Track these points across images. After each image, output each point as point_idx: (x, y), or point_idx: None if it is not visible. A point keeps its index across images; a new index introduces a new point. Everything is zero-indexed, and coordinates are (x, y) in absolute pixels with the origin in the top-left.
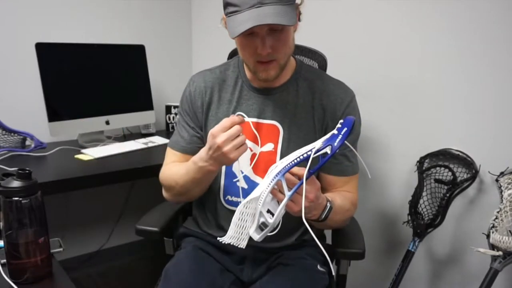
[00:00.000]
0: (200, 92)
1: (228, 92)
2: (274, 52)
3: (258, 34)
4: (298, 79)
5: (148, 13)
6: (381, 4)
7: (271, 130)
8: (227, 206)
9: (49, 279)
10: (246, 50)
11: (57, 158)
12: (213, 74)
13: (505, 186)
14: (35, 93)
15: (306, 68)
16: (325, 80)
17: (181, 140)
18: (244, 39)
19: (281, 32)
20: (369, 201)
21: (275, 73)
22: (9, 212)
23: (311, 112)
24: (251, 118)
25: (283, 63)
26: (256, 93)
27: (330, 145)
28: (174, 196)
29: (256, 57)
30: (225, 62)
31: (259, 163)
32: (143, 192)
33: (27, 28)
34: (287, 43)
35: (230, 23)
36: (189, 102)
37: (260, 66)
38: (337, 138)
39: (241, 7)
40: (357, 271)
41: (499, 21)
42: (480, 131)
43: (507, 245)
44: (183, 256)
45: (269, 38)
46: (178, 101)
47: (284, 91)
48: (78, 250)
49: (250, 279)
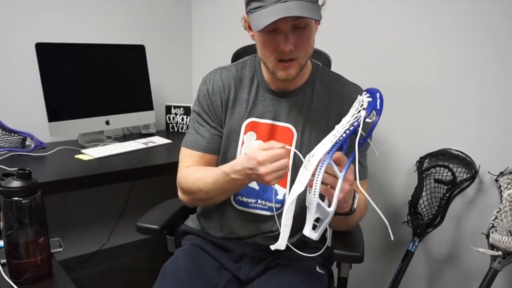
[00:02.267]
0: (219, 90)
1: (244, 92)
2: (296, 50)
3: (282, 30)
4: (314, 82)
5: (148, 13)
6: (384, 5)
7: (285, 133)
8: (237, 207)
9: (49, 279)
10: (268, 48)
11: (57, 158)
12: (230, 72)
13: (505, 186)
14: (35, 93)
15: (322, 71)
16: (341, 83)
17: (202, 139)
18: (266, 36)
19: (304, 29)
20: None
21: (295, 72)
22: (9, 212)
23: (325, 116)
24: (266, 119)
25: (303, 63)
26: (272, 95)
27: (373, 109)
28: (194, 201)
29: (277, 55)
30: (241, 60)
31: None
32: (143, 192)
33: (27, 28)
34: (309, 42)
35: (253, 18)
36: (207, 100)
37: (280, 65)
38: (376, 102)
39: (265, 2)
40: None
41: (499, 21)
42: (480, 131)
43: (506, 245)
44: (180, 254)
45: (292, 35)
46: (178, 101)
47: (299, 94)
48: (78, 250)
49: (247, 277)
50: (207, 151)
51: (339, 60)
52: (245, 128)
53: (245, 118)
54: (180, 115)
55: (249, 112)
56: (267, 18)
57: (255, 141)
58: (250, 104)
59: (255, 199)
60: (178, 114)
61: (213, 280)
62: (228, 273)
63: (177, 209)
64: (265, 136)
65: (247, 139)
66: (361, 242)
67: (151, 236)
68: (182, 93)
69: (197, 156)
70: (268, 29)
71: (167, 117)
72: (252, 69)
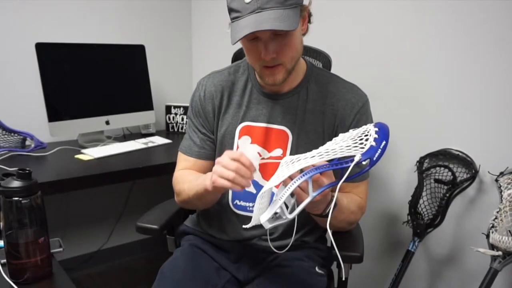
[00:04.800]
0: (210, 96)
1: (238, 96)
2: (279, 57)
3: (261, 39)
4: (309, 83)
5: (148, 13)
6: (384, 5)
7: (280, 136)
8: (235, 211)
9: (49, 279)
10: (251, 55)
11: (57, 158)
12: (222, 76)
13: (505, 186)
14: (35, 93)
15: (317, 72)
16: (337, 84)
17: (194, 146)
18: (248, 44)
19: (285, 36)
20: (369, 201)
21: (281, 77)
22: (9, 212)
23: (320, 118)
24: (260, 123)
25: (290, 67)
26: (266, 97)
27: (369, 158)
28: (181, 203)
29: (261, 62)
30: (235, 63)
31: (267, 168)
32: (143, 192)
33: (27, 28)
34: (292, 47)
35: (232, 29)
36: (199, 107)
37: (266, 70)
38: (376, 151)
39: (242, 12)
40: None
41: (500, 21)
42: (480, 131)
43: (506, 245)
44: (179, 254)
45: (272, 43)
46: (178, 101)
47: (294, 96)
48: (78, 250)
49: (246, 278)
50: (199, 157)
51: (339, 60)
52: (239, 132)
53: (239, 123)
54: (180, 115)
55: (243, 116)
56: (241, 30)
57: (250, 145)
58: (244, 108)
59: (253, 203)
60: (178, 114)
61: (212, 280)
62: (227, 273)
63: (177, 209)
64: (259, 139)
65: (242, 143)
66: (360, 242)
67: (151, 236)
68: (182, 93)
69: (190, 161)
70: (249, 37)
71: (167, 117)
72: (246, 72)
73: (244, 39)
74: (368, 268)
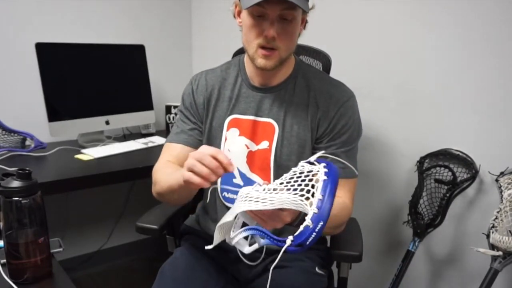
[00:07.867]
0: (202, 89)
1: (228, 90)
2: (278, 41)
3: (269, 16)
4: (297, 77)
5: (148, 13)
6: (384, 5)
7: (267, 128)
8: (225, 203)
9: (49, 279)
10: (252, 32)
11: (57, 158)
12: (214, 73)
13: (505, 186)
14: (35, 93)
15: (305, 67)
16: (323, 79)
17: (182, 133)
18: (254, 19)
19: (290, 22)
20: (369, 201)
21: (273, 63)
22: (9, 212)
23: (305, 111)
24: (248, 116)
25: (284, 56)
26: (255, 91)
27: (301, 244)
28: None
29: (261, 41)
30: (227, 61)
31: (255, 160)
32: (143, 192)
33: (27, 28)
34: (292, 37)
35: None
36: (191, 99)
37: (260, 52)
38: (310, 235)
39: None
40: (357, 271)
41: (500, 21)
42: (480, 131)
43: (507, 245)
44: (179, 254)
45: (278, 25)
46: (178, 101)
47: (282, 90)
48: (78, 250)
49: (246, 278)
50: (187, 143)
51: (339, 60)
52: (227, 124)
53: (228, 115)
54: None
55: (232, 109)
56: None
57: (238, 137)
58: (233, 101)
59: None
60: None
61: (212, 280)
62: (227, 273)
63: (176, 209)
64: (247, 132)
65: (230, 135)
66: (359, 241)
67: (151, 236)
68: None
69: (178, 148)
70: (256, 13)
71: (167, 117)
72: (237, 68)
73: (250, 14)
74: (368, 268)
